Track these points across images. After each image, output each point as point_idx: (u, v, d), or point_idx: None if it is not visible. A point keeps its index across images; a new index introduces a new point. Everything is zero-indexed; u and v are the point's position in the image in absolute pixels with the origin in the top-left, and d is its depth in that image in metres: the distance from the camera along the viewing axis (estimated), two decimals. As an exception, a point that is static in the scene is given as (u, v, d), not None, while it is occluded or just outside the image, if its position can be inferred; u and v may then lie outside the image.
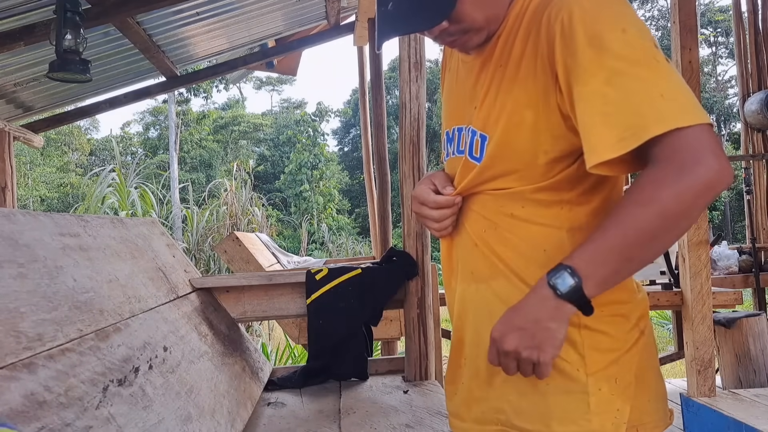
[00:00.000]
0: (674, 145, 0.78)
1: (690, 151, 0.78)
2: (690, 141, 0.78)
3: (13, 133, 4.13)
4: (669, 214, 0.78)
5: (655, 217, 0.78)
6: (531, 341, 0.84)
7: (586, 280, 0.81)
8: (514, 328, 0.85)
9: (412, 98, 2.12)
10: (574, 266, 0.81)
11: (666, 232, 0.80)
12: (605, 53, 0.82)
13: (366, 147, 5.95)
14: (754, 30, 4.80)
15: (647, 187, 0.79)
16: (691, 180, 0.77)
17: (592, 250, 0.82)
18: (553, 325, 0.83)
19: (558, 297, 0.82)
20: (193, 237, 10.08)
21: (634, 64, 0.81)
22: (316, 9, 4.85)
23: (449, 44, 0.99)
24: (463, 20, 0.93)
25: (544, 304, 0.83)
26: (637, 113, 0.79)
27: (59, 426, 0.90)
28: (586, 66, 0.83)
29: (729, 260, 4.03)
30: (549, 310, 0.83)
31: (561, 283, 0.82)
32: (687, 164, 0.77)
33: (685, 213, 0.79)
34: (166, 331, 1.50)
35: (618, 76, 0.81)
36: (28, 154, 20.39)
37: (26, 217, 1.27)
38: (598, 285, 0.82)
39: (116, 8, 3.16)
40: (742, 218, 16.27)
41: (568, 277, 0.81)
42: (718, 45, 29.55)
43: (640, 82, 0.80)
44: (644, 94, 0.80)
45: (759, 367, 2.86)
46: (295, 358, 5.23)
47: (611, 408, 0.92)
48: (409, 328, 2.12)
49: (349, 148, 33.59)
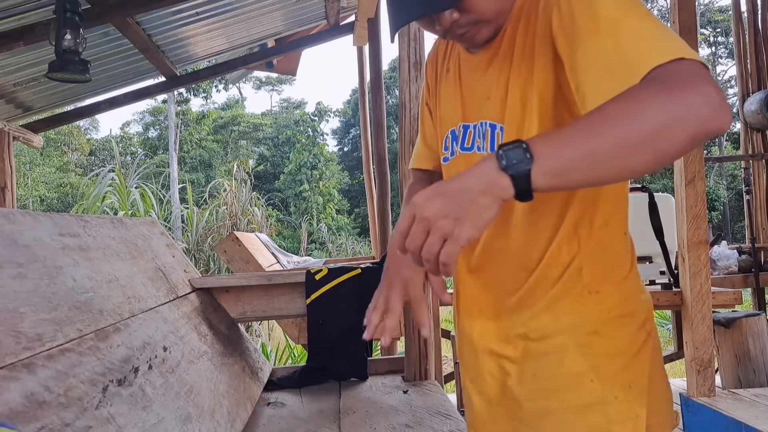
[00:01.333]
0: (675, 69, 0.72)
1: (690, 77, 0.71)
2: (690, 69, 0.71)
3: (12, 133, 4.13)
4: (647, 121, 0.68)
5: (631, 118, 0.68)
6: (453, 211, 0.71)
7: (538, 161, 0.69)
8: (439, 194, 0.73)
9: (412, 98, 2.12)
10: (530, 144, 0.71)
11: (637, 140, 0.69)
12: (599, 14, 0.80)
13: (366, 147, 5.95)
14: (753, 30, 4.80)
15: (634, 90, 0.71)
16: (682, 98, 0.68)
17: (555, 134, 0.73)
18: (482, 200, 0.71)
19: (501, 170, 0.70)
20: (192, 237, 10.07)
21: (628, 14, 0.79)
22: (315, 9, 4.85)
23: (459, 37, 0.97)
24: (473, 10, 0.92)
25: (481, 176, 0.72)
26: (639, 52, 0.75)
27: (59, 426, 0.90)
28: (584, 28, 0.81)
29: (728, 260, 4.02)
30: (484, 181, 0.71)
31: (510, 156, 0.70)
32: (683, 85, 0.69)
33: (663, 128, 0.68)
34: (166, 331, 1.50)
35: (615, 25, 0.78)
36: (27, 154, 20.38)
37: (26, 217, 1.27)
38: (549, 173, 0.70)
39: (116, 8, 3.16)
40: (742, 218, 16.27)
41: (520, 152, 0.70)
42: (717, 45, 29.56)
43: (637, 28, 0.77)
44: (642, 36, 0.77)
45: (758, 367, 2.86)
46: (295, 358, 5.22)
47: (631, 415, 0.91)
48: (409, 328, 2.12)
49: (348, 148, 33.60)
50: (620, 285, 0.96)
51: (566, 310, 0.94)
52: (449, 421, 1.65)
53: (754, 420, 2.29)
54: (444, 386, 3.98)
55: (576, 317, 0.94)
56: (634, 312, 0.96)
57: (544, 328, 0.96)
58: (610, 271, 0.95)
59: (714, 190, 22.07)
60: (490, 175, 0.71)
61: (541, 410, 0.96)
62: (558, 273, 0.95)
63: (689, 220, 2.56)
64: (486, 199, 0.71)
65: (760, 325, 2.89)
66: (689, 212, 2.56)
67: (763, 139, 4.74)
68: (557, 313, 0.95)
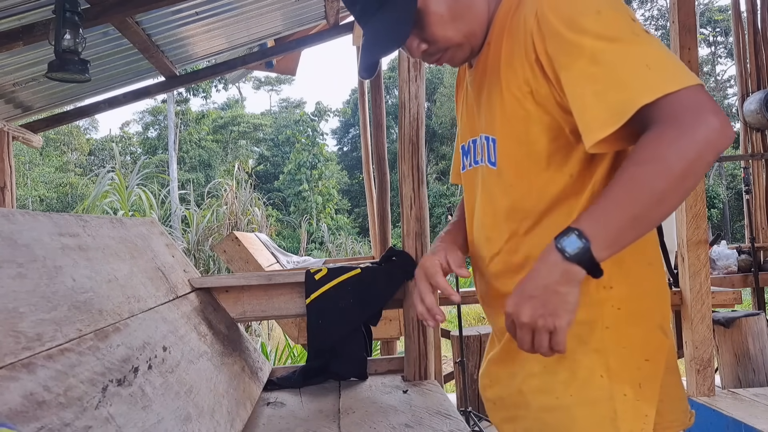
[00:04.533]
0: (670, 107, 0.78)
1: (688, 111, 0.77)
2: (685, 102, 0.77)
3: (12, 132, 4.13)
4: (673, 171, 0.76)
5: (660, 175, 0.77)
6: (544, 308, 0.82)
7: (594, 241, 0.79)
8: (525, 298, 0.83)
9: (411, 98, 2.12)
10: (581, 228, 0.80)
11: (671, 190, 0.77)
12: (584, 35, 0.82)
13: (365, 147, 5.95)
14: (753, 30, 4.80)
15: (648, 146, 0.78)
16: (692, 137, 0.76)
17: (598, 211, 0.81)
18: (563, 289, 0.81)
19: (567, 260, 0.80)
20: (192, 237, 10.07)
21: (614, 40, 0.81)
22: (315, 9, 4.85)
23: (436, 62, 1.03)
24: (437, 41, 0.97)
25: (553, 269, 0.81)
26: (625, 87, 0.79)
27: (58, 426, 0.90)
28: (568, 51, 0.83)
29: (728, 260, 4.02)
30: (558, 274, 0.81)
31: (569, 246, 0.80)
32: (686, 123, 0.76)
33: (688, 170, 0.76)
34: (166, 331, 1.50)
35: (600, 54, 0.81)
36: (27, 153, 20.38)
37: (25, 217, 1.27)
38: (607, 246, 0.80)
39: (115, 8, 3.16)
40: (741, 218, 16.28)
41: (575, 239, 0.80)
42: (717, 45, 29.57)
43: (623, 56, 0.80)
44: (629, 67, 0.80)
45: (758, 366, 2.86)
46: (295, 357, 5.22)
47: (639, 414, 0.91)
48: (408, 328, 2.12)
49: (348, 147, 33.61)
50: (635, 283, 0.96)
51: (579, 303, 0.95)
52: (449, 421, 1.65)
53: (754, 420, 2.29)
54: (444, 386, 3.99)
55: (588, 312, 0.93)
56: (648, 310, 0.95)
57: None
58: (625, 268, 0.95)
59: (713, 187, 22.11)
60: (560, 266, 0.81)
61: (548, 402, 0.96)
62: None
63: (689, 219, 2.56)
64: (565, 287, 0.81)
65: (759, 325, 2.89)
66: (689, 212, 2.56)
67: (762, 139, 4.74)
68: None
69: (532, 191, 0.95)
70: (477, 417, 3.55)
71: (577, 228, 0.80)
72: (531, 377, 0.99)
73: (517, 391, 1.01)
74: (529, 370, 0.99)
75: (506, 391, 1.04)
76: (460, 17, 0.95)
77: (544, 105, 0.90)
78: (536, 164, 0.94)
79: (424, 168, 2.15)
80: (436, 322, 1.02)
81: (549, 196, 0.94)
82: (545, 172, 0.93)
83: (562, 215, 0.94)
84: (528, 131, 0.93)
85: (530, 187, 0.95)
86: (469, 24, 0.96)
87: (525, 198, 0.96)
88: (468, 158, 1.10)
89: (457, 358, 3.81)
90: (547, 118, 0.91)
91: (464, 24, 0.96)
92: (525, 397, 1.00)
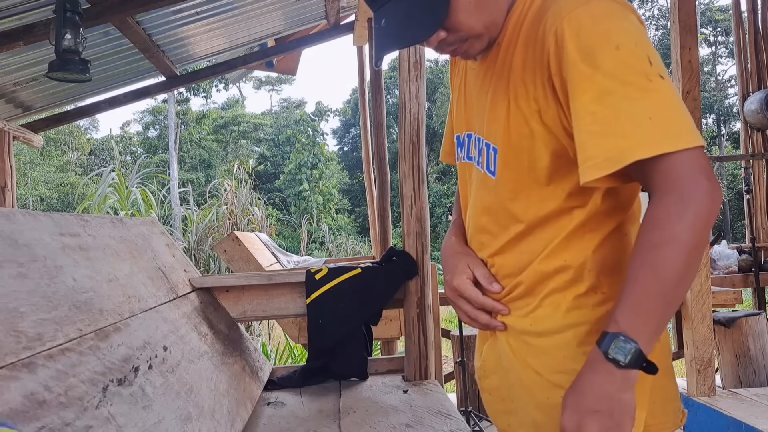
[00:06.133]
0: (669, 172, 0.79)
1: (686, 180, 0.78)
2: (683, 168, 0.78)
3: (12, 132, 4.13)
4: (689, 247, 0.79)
5: (678, 254, 0.78)
6: (610, 420, 0.81)
7: (641, 340, 0.80)
8: (589, 413, 0.82)
9: (412, 98, 2.12)
10: (624, 331, 0.80)
11: (690, 265, 0.80)
12: (596, 70, 0.80)
13: (366, 146, 5.95)
14: (753, 30, 4.80)
15: (658, 225, 0.80)
16: (696, 209, 0.78)
17: (633, 307, 0.81)
18: (626, 397, 0.82)
19: (621, 368, 0.80)
20: (193, 237, 10.07)
21: (625, 83, 0.80)
22: (315, 8, 4.85)
23: (451, 53, 0.99)
24: (459, 29, 0.93)
25: (611, 379, 0.81)
26: (623, 135, 0.79)
27: (59, 426, 0.90)
28: (577, 82, 0.82)
29: (728, 259, 4.03)
30: (618, 383, 0.81)
31: (621, 354, 0.80)
32: (687, 193, 0.78)
33: (700, 242, 0.79)
34: (166, 330, 1.50)
35: (607, 95, 0.80)
36: (27, 153, 20.39)
37: (26, 217, 1.27)
38: (651, 340, 0.81)
39: (116, 8, 3.16)
40: (742, 217, 16.27)
41: (623, 344, 0.80)
42: (717, 44, 29.56)
43: (629, 102, 0.79)
44: (632, 115, 0.79)
45: (759, 366, 2.86)
46: (295, 357, 5.22)
47: None
48: (408, 328, 2.12)
49: (348, 147, 33.61)
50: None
51: (568, 306, 0.95)
52: (449, 421, 1.65)
53: (754, 419, 2.29)
54: (444, 386, 3.99)
55: (577, 315, 0.94)
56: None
57: (545, 323, 0.96)
58: (615, 271, 0.95)
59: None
60: (617, 375, 0.81)
61: (537, 403, 0.97)
62: (558, 269, 0.95)
63: (689, 219, 2.56)
64: (625, 394, 0.82)
65: (760, 325, 2.89)
66: (689, 212, 2.55)
67: (763, 139, 4.74)
68: (559, 310, 0.95)
69: (530, 205, 0.95)
70: (477, 417, 3.55)
71: (621, 333, 0.80)
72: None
73: (511, 385, 1.02)
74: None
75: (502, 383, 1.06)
76: (485, 6, 0.93)
77: (550, 126, 0.90)
78: (537, 181, 0.94)
79: (425, 168, 2.15)
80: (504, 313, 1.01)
81: (546, 210, 0.94)
82: (545, 187, 0.93)
83: (555, 228, 0.94)
84: (532, 148, 0.92)
85: (528, 200, 0.95)
86: (492, 14, 0.94)
87: (523, 211, 0.96)
88: (462, 150, 1.10)
89: (457, 358, 3.82)
90: (551, 139, 0.90)
91: (488, 13, 0.93)
92: (518, 391, 1.01)
